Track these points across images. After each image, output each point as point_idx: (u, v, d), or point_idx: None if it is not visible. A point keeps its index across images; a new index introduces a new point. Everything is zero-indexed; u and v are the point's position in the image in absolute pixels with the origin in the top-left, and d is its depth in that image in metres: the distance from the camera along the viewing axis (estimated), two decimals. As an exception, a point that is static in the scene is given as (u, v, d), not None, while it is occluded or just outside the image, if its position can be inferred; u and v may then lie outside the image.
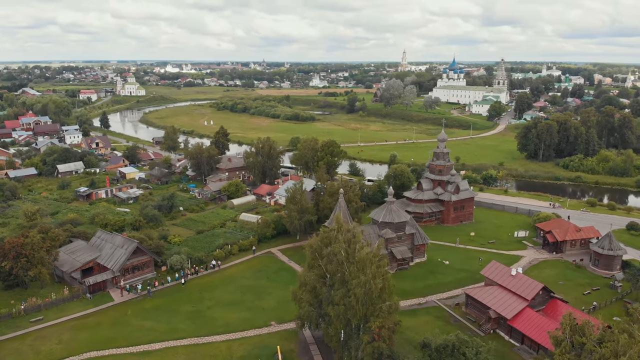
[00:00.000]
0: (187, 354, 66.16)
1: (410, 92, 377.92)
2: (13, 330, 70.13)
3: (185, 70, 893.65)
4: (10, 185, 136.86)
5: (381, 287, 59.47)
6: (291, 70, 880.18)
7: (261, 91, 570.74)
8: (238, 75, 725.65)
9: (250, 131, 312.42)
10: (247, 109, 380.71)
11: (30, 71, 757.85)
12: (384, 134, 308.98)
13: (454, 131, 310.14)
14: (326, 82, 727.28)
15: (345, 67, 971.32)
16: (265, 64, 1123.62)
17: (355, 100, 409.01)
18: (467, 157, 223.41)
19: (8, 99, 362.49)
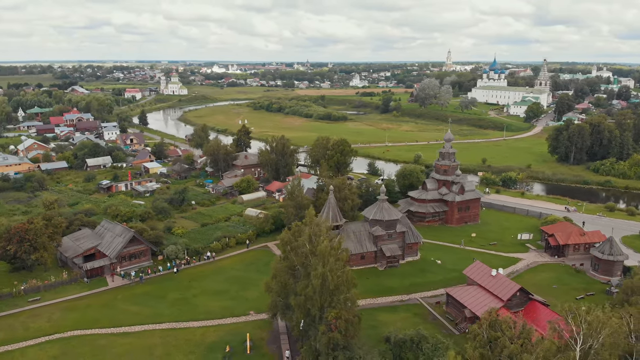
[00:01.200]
0: (163, 337, 70.05)
1: (446, 92, 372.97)
2: (11, 308, 76.31)
3: (231, 71, 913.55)
4: (38, 177, 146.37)
5: (339, 280, 61.08)
6: (332, 71, 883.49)
7: (300, 91, 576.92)
8: (280, 76, 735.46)
9: (282, 130, 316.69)
10: (282, 108, 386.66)
11: (83, 70, 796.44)
12: (415, 134, 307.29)
13: (488, 132, 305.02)
14: (367, 82, 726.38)
15: (388, 67, 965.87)
16: (308, 64, 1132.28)
17: (389, 100, 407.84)
18: (495, 158, 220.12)
19: (57, 96, 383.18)
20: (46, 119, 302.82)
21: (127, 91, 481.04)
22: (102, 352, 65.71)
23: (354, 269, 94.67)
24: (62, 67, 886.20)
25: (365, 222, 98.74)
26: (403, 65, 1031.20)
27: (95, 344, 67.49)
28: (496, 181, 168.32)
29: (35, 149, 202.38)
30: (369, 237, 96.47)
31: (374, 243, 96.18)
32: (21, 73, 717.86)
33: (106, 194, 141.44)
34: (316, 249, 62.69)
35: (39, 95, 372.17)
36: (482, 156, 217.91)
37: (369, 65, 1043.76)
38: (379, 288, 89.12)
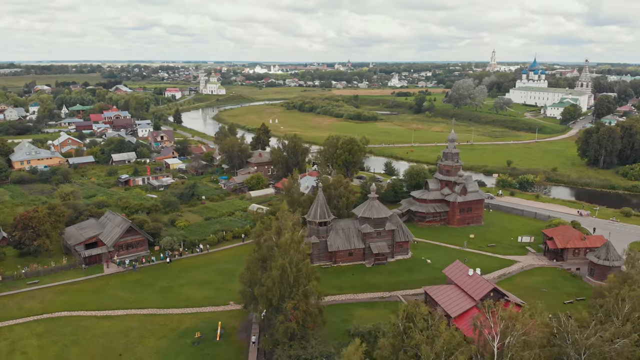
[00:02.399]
0: (141, 321, 74.15)
1: (480, 92, 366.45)
2: (10, 289, 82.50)
3: (273, 71, 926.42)
4: (63, 170, 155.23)
5: (298, 272, 63.08)
6: (372, 70, 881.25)
7: (337, 91, 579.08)
8: (319, 76, 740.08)
9: (310, 130, 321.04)
10: (314, 108, 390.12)
11: (130, 69, 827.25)
12: (445, 134, 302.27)
13: (520, 134, 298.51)
14: (406, 82, 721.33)
15: (430, 67, 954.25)
16: (349, 64, 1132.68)
17: (423, 100, 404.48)
18: (523, 161, 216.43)
19: (100, 94, 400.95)
20: (87, 116, 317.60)
21: (167, 90, 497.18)
22: (82, 332, 70.36)
23: (342, 265, 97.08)
24: (111, 66, 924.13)
25: (355, 219, 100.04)
26: (446, 65, 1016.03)
27: (78, 325, 72.28)
28: (513, 183, 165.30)
29: (69, 144, 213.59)
30: (357, 234, 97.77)
31: (363, 240, 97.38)
32: (71, 72, 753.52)
33: (124, 187, 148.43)
34: (278, 242, 65.03)
35: (82, 94, 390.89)
36: (510, 158, 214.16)
37: (410, 65, 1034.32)
38: (363, 284, 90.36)
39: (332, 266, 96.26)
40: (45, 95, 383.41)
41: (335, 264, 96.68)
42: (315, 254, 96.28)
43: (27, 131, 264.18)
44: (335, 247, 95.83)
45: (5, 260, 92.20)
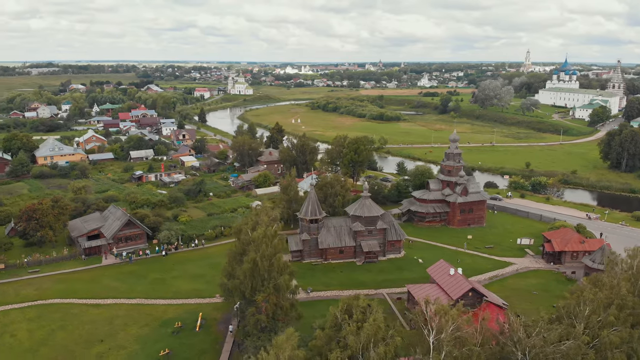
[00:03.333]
0: (127, 310, 77.42)
1: (506, 93, 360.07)
2: (11, 277, 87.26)
3: (303, 72, 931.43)
4: (81, 166, 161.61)
5: (269, 265, 64.75)
6: (402, 70, 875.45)
7: (365, 91, 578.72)
8: (348, 76, 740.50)
9: (331, 129, 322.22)
10: (338, 108, 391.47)
11: (164, 70, 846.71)
12: (468, 136, 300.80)
13: (546, 136, 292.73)
14: (436, 82, 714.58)
15: (462, 67, 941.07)
16: (381, 64, 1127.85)
17: (448, 100, 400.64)
18: (542, 163, 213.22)
19: (130, 93, 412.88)
20: (115, 114, 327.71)
21: (196, 90, 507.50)
22: (70, 318, 74.04)
23: (332, 262, 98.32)
24: (146, 66, 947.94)
25: (348, 217, 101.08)
26: (479, 66, 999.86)
27: (68, 312, 76.04)
28: (525, 185, 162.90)
29: (93, 141, 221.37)
30: (349, 232, 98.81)
31: (354, 238, 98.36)
32: (107, 72, 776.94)
33: (136, 183, 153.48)
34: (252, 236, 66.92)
35: (113, 93, 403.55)
36: (532, 160, 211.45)
37: (442, 65, 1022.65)
38: (351, 282, 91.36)
39: (322, 263, 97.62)
40: (78, 94, 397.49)
41: (325, 261, 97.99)
42: (306, 250, 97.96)
43: (57, 128, 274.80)
44: (325, 244, 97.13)
45: (12, 250, 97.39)
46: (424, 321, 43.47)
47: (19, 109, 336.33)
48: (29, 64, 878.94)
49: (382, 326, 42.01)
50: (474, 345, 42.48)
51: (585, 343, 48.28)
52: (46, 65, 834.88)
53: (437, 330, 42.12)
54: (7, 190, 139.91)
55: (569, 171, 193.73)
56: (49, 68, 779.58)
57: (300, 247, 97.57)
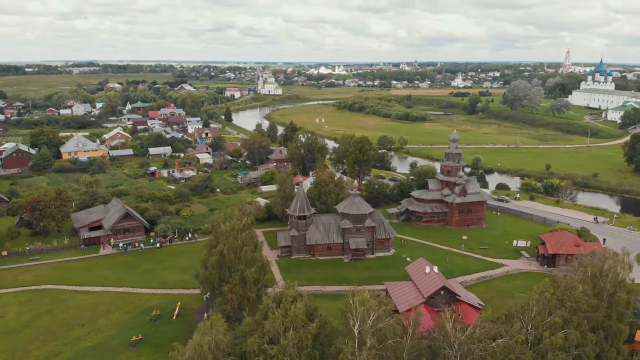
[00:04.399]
0: (113, 297, 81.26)
1: (536, 93, 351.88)
2: (13, 263, 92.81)
3: (337, 72, 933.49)
4: (99, 161, 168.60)
5: (236, 258, 66.96)
6: (437, 70, 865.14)
7: (396, 91, 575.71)
8: (380, 76, 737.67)
9: (353, 129, 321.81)
10: (364, 108, 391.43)
11: (200, 70, 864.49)
12: (493, 136, 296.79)
13: (573, 138, 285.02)
14: (471, 82, 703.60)
15: (499, 67, 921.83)
16: (416, 64, 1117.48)
17: (477, 101, 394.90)
18: (565, 166, 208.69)
19: (163, 93, 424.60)
20: (145, 112, 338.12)
21: (227, 90, 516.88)
22: (58, 303, 78.42)
23: (320, 258, 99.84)
24: (183, 66, 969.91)
25: (337, 214, 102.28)
26: (517, 66, 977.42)
27: (57, 297, 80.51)
28: (537, 188, 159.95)
29: (118, 138, 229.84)
30: (337, 230, 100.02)
31: (342, 235, 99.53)
32: (145, 71, 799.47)
33: (149, 178, 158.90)
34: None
35: (145, 92, 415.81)
36: (555, 162, 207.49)
37: (478, 65, 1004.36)
38: (335, 278, 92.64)
39: (310, 259, 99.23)
40: (113, 93, 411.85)
41: (313, 257, 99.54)
42: (294, 246, 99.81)
43: (88, 125, 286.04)
44: (313, 240, 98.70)
45: (18, 238, 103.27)
46: (350, 312, 44.72)
47: (55, 107, 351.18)
48: (71, 63, 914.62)
49: (301, 314, 43.41)
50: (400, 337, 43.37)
51: (523, 342, 48.38)
52: (87, 64, 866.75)
53: (360, 321, 43.25)
54: (27, 183, 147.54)
55: (591, 174, 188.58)
56: (90, 67, 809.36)
57: (289, 242, 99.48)
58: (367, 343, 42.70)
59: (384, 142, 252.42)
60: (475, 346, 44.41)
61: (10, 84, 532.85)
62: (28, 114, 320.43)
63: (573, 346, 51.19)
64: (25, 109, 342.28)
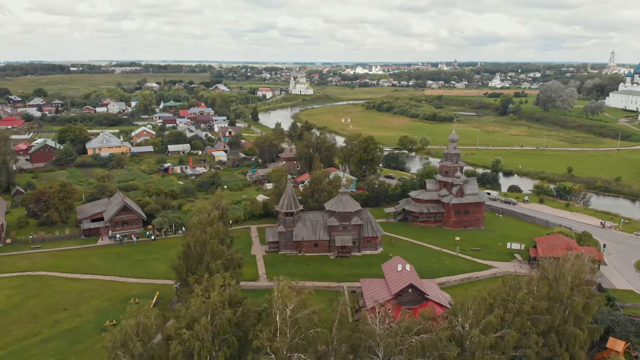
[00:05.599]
0: (99, 285, 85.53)
1: (569, 95, 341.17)
2: (15, 250, 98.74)
3: (374, 72, 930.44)
4: (118, 157, 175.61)
5: (202, 250, 69.51)
6: (475, 70, 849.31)
7: (430, 91, 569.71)
8: (415, 76, 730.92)
9: (378, 129, 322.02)
10: (392, 108, 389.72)
11: (237, 70, 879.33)
12: (521, 138, 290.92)
13: (605, 141, 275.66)
14: (509, 82, 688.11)
15: (540, 68, 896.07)
16: (456, 64, 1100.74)
17: (509, 102, 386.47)
18: (590, 169, 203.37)
19: (196, 92, 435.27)
20: (177, 111, 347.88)
21: (259, 90, 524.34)
22: (46, 289, 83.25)
23: (306, 255, 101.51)
24: (222, 67, 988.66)
25: (325, 212, 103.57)
26: (560, 66, 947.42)
27: (47, 283, 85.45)
28: (549, 191, 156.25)
29: (143, 135, 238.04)
30: (324, 227, 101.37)
31: (328, 233, 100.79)
32: (185, 71, 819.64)
33: (161, 174, 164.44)
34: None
35: (179, 91, 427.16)
36: (579, 165, 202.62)
37: (519, 66, 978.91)
38: (317, 274, 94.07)
39: (296, 255, 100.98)
40: (148, 92, 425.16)
41: (300, 253, 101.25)
42: (282, 242, 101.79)
43: (120, 123, 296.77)
44: (300, 237, 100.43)
45: (26, 228, 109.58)
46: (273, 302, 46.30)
47: (92, 105, 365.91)
48: (115, 63, 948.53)
49: (219, 301, 45.35)
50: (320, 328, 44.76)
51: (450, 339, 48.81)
52: (129, 64, 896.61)
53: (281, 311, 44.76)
54: (47, 177, 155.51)
55: (614, 178, 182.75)
56: (132, 67, 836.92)
57: (276, 238, 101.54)
58: (285, 332, 44.21)
59: (404, 143, 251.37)
60: (392, 340, 45.15)
61: (54, 82, 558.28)
62: (65, 112, 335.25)
63: (510, 347, 50.98)
64: (63, 106, 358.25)
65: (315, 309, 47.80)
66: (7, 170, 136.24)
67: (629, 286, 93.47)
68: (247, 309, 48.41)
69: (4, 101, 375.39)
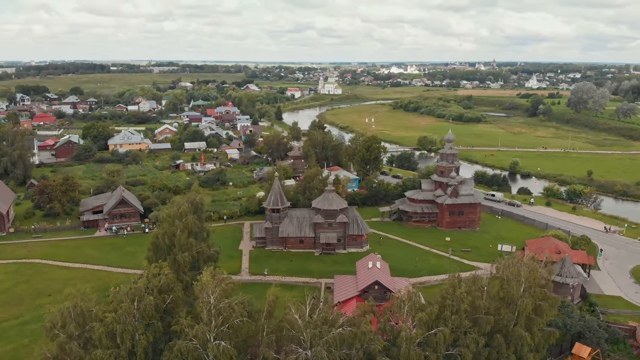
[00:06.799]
0: (86, 274, 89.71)
1: (601, 96, 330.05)
2: (17, 239, 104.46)
3: (409, 71, 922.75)
4: (133, 153, 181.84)
5: (170, 242, 72.10)
6: (513, 71, 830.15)
7: (464, 91, 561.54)
8: (449, 76, 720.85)
9: (401, 129, 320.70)
10: (419, 108, 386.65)
11: (271, 70, 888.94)
12: (548, 140, 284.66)
13: (634, 144, 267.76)
14: (547, 83, 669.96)
15: (581, 68, 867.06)
16: (494, 64, 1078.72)
17: (539, 103, 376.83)
18: (612, 172, 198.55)
19: (225, 91, 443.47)
20: (204, 110, 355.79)
21: (288, 90, 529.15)
22: (36, 275, 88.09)
23: (292, 251, 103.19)
24: (257, 67, 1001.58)
25: (312, 209, 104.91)
26: (602, 67, 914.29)
27: (39, 269, 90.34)
28: (559, 193, 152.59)
29: (166, 133, 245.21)
30: (310, 224, 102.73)
31: (313, 230, 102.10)
32: (220, 71, 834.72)
33: (172, 170, 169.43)
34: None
35: (209, 90, 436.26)
36: (603, 169, 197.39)
37: (560, 66, 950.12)
38: (298, 269, 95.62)
39: (282, 251, 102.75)
40: (179, 91, 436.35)
41: (286, 249, 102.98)
42: (268, 238, 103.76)
43: (148, 121, 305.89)
44: (285, 233, 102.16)
45: (31, 218, 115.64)
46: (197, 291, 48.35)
47: (125, 103, 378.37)
48: (154, 63, 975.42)
49: (142, 287, 47.64)
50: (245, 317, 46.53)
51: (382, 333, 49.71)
52: (167, 64, 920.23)
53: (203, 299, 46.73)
54: (65, 171, 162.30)
55: (634, 182, 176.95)
56: (169, 67, 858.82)
57: (263, 234, 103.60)
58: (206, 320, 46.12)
59: (423, 143, 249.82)
60: (311, 331, 46.27)
61: (94, 81, 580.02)
62: (98, 109, 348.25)
63: (442, 344, 51.14)
64: (97, 104, 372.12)
65: (243, 299, 49.36)
66: (24, 164, 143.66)
67: (618, 292, 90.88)
68: (177, 297, 50.52)
69: (41, 99, 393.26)
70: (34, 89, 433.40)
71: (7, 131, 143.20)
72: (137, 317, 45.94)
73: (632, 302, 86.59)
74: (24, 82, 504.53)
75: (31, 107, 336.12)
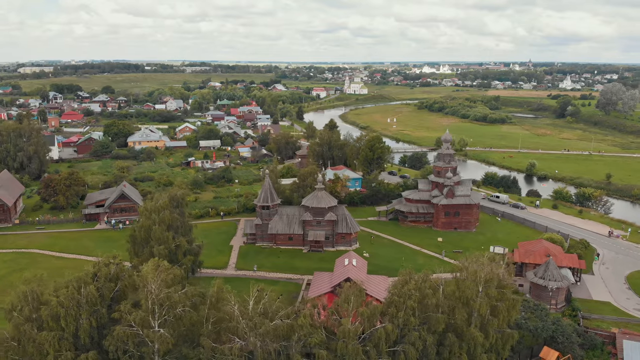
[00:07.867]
0: (78, 264, 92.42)
1: (630, 98, 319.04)
2: (20, 230, 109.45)
3: (441, 71, 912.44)
4: (148, 150, 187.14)
5: (146, 235, 74.66)
6: (548, 71, 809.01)
7: (495, 91, 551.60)
8: (481, 76, 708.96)
9: (422, 130, 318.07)
10: (443, 108, 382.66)
11: (301, 70, 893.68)
12: (572, 142, 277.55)
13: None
14: (582, 84, 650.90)
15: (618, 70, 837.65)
16: (530, 64, 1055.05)
17: (567, 104, 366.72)
18: (632, 176, 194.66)
19: (251, 91, 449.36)
20: (228, 110, 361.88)
21: (313, 90, 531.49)
22: (31, 264, 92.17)
23: (281, 248, 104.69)
24: (287, 67, 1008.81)
25: (301, 207, 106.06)
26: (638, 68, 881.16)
27: (35, 259, 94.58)
28: (568, 196, 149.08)
29: (186, 131, 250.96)
30: (299, 221, 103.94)
31: (302, 227, 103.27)
32: (251, 72, 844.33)
33: (182, 167, 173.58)
34: (145, 209, 77.62)
35: (235, 90, 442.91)
36: (625, 172, 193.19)
37: (597, 67, 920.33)
38: (284, 266, 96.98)
39: (271, 247, 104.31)
40: (206, 91, 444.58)
41: (275, 246, 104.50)
42: (258, 234, 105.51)
43: (172, 119, 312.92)
44: (275, 230, 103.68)
45: (39, 211, 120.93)
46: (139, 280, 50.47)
47: (153, 102, 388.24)
48: (187, 63, 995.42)
49: (84, 275, 50.07)
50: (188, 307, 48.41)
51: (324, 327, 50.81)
52: (200, 64, 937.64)
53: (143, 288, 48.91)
54: (81, 167, 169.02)
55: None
56: (201, 67, 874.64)
57: (253, 230, 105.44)
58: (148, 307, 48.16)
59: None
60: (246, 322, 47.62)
61: (127, 80, 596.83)
62: (127, 108, 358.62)
63: (383, 340, 51.50)
64: (126, 103, 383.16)
65: (188, 290, 51.14)
66: (40, 159, 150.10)
67: (608, 298, 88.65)
68: (124, 286, 52.71)
69: (73, 97, 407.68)
70: (68, 87, 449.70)
71: (23, 127, 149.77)
72: (82, 303, 48.28)
73: (620, 308, 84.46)
74: (59, 80, 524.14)
75: (62, 105, 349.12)
